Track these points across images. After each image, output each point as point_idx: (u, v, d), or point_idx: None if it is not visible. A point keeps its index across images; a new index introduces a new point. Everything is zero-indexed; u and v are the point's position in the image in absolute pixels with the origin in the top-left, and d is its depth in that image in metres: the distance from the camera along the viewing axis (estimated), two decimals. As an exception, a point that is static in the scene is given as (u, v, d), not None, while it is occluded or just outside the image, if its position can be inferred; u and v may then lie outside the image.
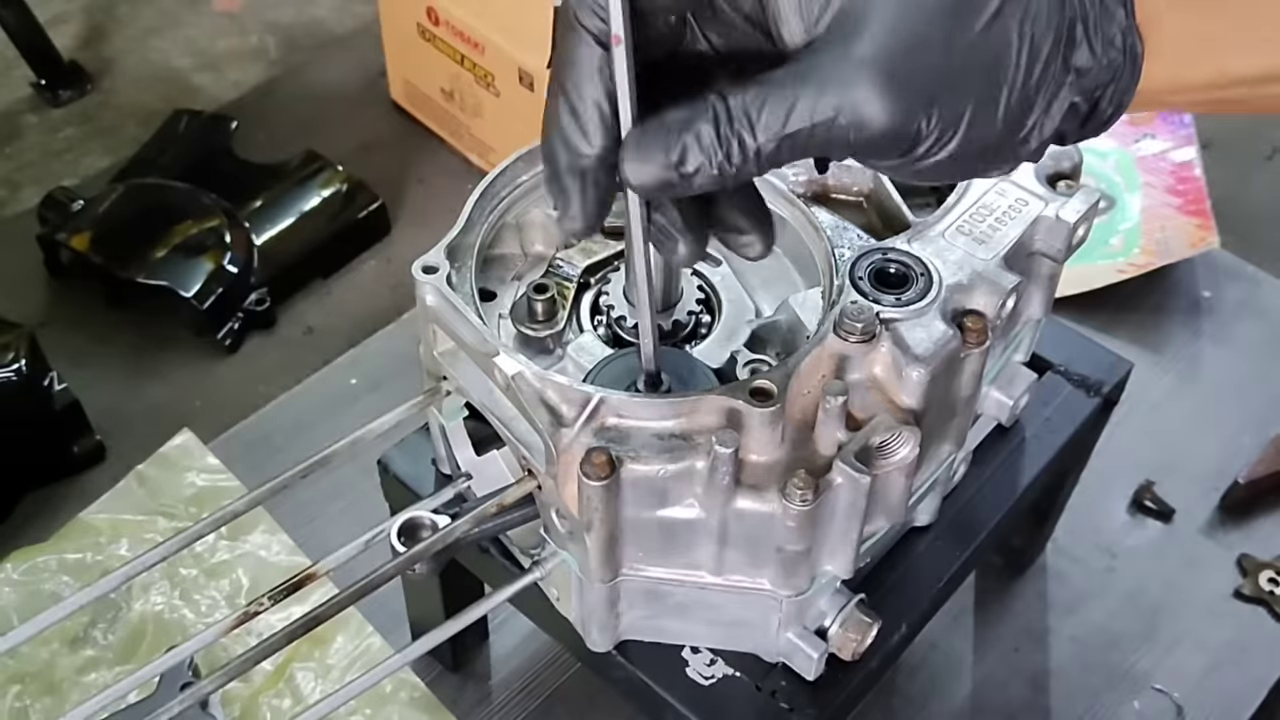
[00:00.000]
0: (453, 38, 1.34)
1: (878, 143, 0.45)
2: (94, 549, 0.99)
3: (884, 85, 0.44)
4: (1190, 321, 1.17)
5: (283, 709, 0.89)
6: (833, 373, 0.59)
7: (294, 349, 1.26)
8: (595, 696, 0.89)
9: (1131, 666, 0.92)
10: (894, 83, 0.44)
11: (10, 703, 0.91)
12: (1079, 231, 0.68)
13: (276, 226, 1.32)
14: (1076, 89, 0.47)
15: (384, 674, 0.64)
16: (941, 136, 0.45)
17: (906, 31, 0.44)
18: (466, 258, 0.65)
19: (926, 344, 0.59)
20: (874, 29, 0.44)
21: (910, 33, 0.44)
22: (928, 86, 0.44)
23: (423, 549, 0.62)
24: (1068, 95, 0.47)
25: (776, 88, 0.45)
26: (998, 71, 0.45)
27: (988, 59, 0.45)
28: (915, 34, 0.44)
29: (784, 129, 0.44)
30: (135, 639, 0.94)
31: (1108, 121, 0.49)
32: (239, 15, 1.65)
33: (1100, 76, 0.47)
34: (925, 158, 0.46)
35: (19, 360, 1.09)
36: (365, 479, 0.80)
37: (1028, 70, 0.45)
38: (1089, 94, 0.47)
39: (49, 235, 1.29)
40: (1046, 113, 0.47)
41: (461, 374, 0.64)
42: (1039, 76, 0.46)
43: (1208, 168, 1.24)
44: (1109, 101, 0.48)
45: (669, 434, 0.57)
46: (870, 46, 0.44)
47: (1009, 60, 0.45)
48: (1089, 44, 0.46)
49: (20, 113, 1.52)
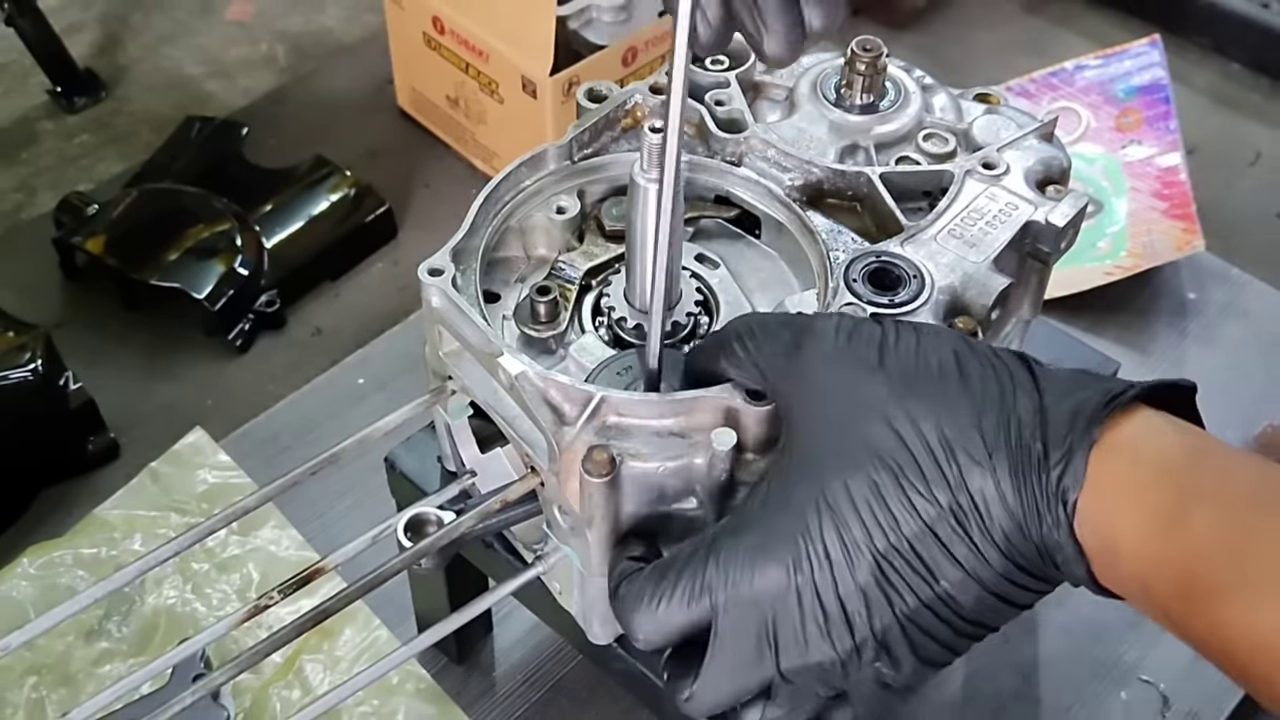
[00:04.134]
0: (458, 46, 1.35)
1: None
2: (108, 544, 1.01)
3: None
4: (1176, 322, 1.18)
5: (292, 700, 0.90)
6: (828, 372, 0.60)
7: (303, 349, 1.26)
8: (596, 688, 0.90)
9: (1119, 657, 0.93)
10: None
11: (27, 693, 0.92)
12: (1067, 234, 0.68)
13: (286, 230, 1.31)
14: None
15: (391, 666, 0.64)
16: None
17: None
18: (471, 260, 0.66)
19: (918, 345, 0.60)
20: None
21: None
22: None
23: (428, 544, 0.63)
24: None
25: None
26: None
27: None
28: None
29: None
30: (149, 632, 0.96)
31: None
32: (250, 24, 1.66)
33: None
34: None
35: (35, 360, 1.10)
36: (372, 476, 0.81)
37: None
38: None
39: (64, 239, 1.29)
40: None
41: (466, 374, 0.65)
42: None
43: (1193, 172, 1.25)
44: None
45: (668, 432, 0.58)
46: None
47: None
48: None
49: (37, 119, 1.52)
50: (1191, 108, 1.42)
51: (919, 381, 0.52)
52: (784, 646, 0.51)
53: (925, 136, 0.73)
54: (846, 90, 0.74)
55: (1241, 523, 0.45)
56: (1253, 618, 0.44)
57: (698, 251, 0.72)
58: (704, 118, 0.73)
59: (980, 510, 0.49)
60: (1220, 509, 0.46)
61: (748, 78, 0.77)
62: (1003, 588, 0.50)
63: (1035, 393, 0.51)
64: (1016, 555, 0.49)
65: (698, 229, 0.74)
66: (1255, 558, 0.44)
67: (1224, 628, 0.45)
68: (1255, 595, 0.44)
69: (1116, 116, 1.30)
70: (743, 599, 0.51)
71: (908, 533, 0.49)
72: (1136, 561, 0.47)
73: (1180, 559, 0.46)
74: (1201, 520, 0.46)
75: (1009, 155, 0.71)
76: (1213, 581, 0.45)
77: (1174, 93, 1.31)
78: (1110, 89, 1.32)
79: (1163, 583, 0.46)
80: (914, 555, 0.49)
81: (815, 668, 0.51)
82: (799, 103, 0.75)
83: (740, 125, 0.73)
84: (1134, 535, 0.47)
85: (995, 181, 0.69)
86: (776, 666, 0.52)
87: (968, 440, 0.49)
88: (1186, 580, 0.45)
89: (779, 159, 0.72)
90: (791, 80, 0.77)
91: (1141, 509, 0.47)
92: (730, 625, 0.52)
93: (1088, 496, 0.47)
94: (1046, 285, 0.73)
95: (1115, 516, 0.47)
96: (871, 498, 0.50)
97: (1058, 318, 1.12)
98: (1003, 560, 0.49)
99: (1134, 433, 0.49)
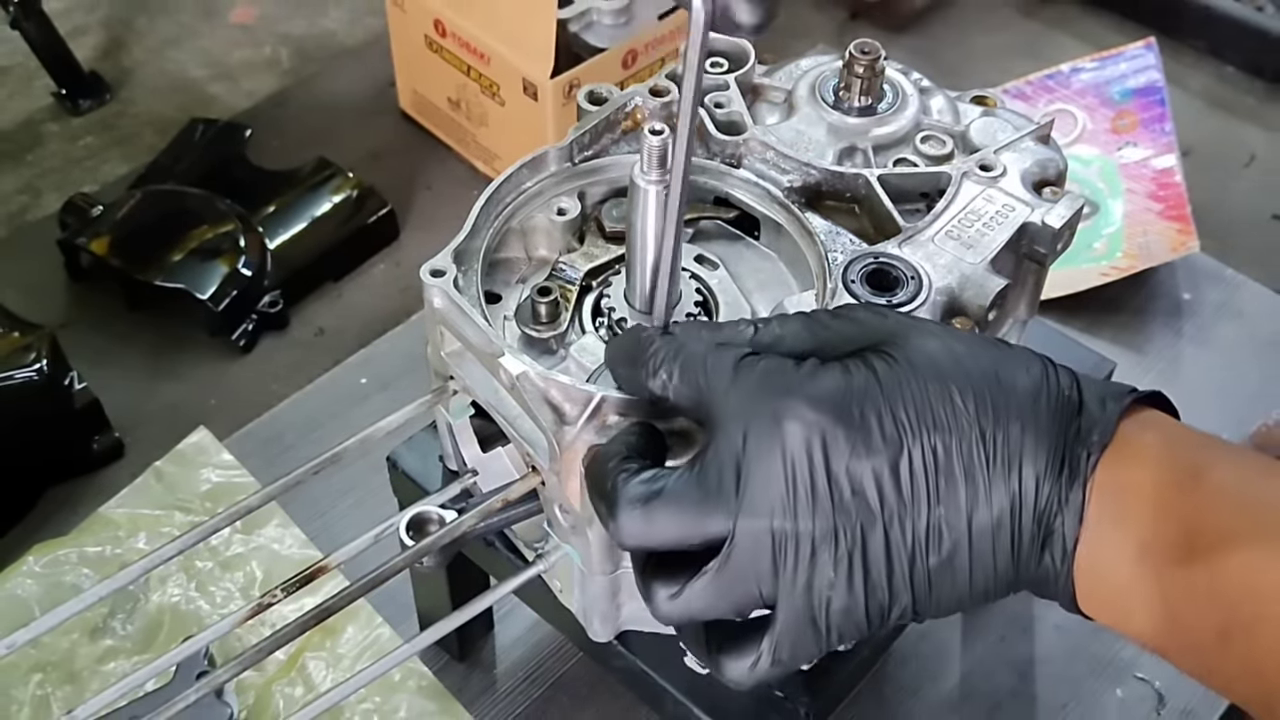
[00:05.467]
0: (459, 49, 1.35)
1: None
2: (113, 543, 1.01)
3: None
4: (1171, 323, 1.19)
5: (295, 697, 0.90)
6: (826, 372, 0.60)
7: (306, 349, 1.26)
8: (596, 685, 0.91)
9: (1114, 655, 0.93)
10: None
11: (32, 691, 0.92)
12: (1064, 236, 0.69)
13: (289, 231, 1.32)
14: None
15: (393, 663, 0.64)
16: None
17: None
18: (473, 261, 0.66)
19: (916, 344, 0.61)
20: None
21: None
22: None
23: (430, 543, 0.63)
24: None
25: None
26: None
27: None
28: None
29: None
30: (153, 629, 0.96)
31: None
32: (253, 27, 1.66)
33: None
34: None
35: (40, 360, 1.10)
36: (375, 475, 0.82)
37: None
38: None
39: (69, 240, 1.29)
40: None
41: (468, 374, 0.66)
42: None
43: (1188, 174, 1.25)
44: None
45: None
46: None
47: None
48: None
49: (42, 121, 1.53)
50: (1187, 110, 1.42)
51: (970, 342, 0.53)
52: (798, 494, 0.49)
53: (923, 139, 0.74)
54: (845, 93, 0.74)
55: (1250, 484, 0.48)
56: (1250, 568, 0.45)
57: (697, 252, 0.72)
58: (703, 120, 0.73)
59: (1010, 447, 0.49)
60: (1230, 473, 0.48)
61: (747, 80, 0.77)
62: (982, 544, 0.50)
63: (1071, 372, 0.53)
64: (1017, 509, 0.49)
65: (697, 230, 0.74)
66: (1261, 512, 0.46)
67: (1217, 578, 0.46)
68: (1257, 546, 0.45)
69: (1112, 119, 1.31)
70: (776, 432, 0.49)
71: (939, 441, 0.49)
72: (1141, 516, 0.48)
73: (1189, 514, 0.47)
74: (1212, 480, 0.48)
75: (1006, 157, 0.71)
76: (1217, 533, 0.46)
77: (1169, 95, 1.31)
78: (1106, 91, 1.33)
79: (1164, 537, 0.47)
80: (934, 463, 0.49)
81: (779, 533, 0.49)
82: (797, 105, 0.76)
83: (739, 127, 0.73)
84: (1146, 492, 0.48)
85: (992, 183, 0.70)
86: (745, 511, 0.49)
87: (1015, 389, 0.50)
88: (1190, 533, 0.47)
89: (778, 161, 0.72)
90: (790, 83, 0.77)
91: (1158, 468, 0.49)
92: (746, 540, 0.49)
93: (1108, 458, 0.49)
94: (1043, 286, 0.73)
95: (1132, 475, 0.49)
96: (920, 396, 0.50)
97: (1054, 318, 1.13)
98: (1004, 507, 0.49)
99: (1153, 416, 0.52)
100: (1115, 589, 0.49)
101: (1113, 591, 0.49)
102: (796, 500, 0.49)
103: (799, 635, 0.51)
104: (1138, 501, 0.49)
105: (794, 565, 0.50)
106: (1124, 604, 0.49)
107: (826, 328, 0.55)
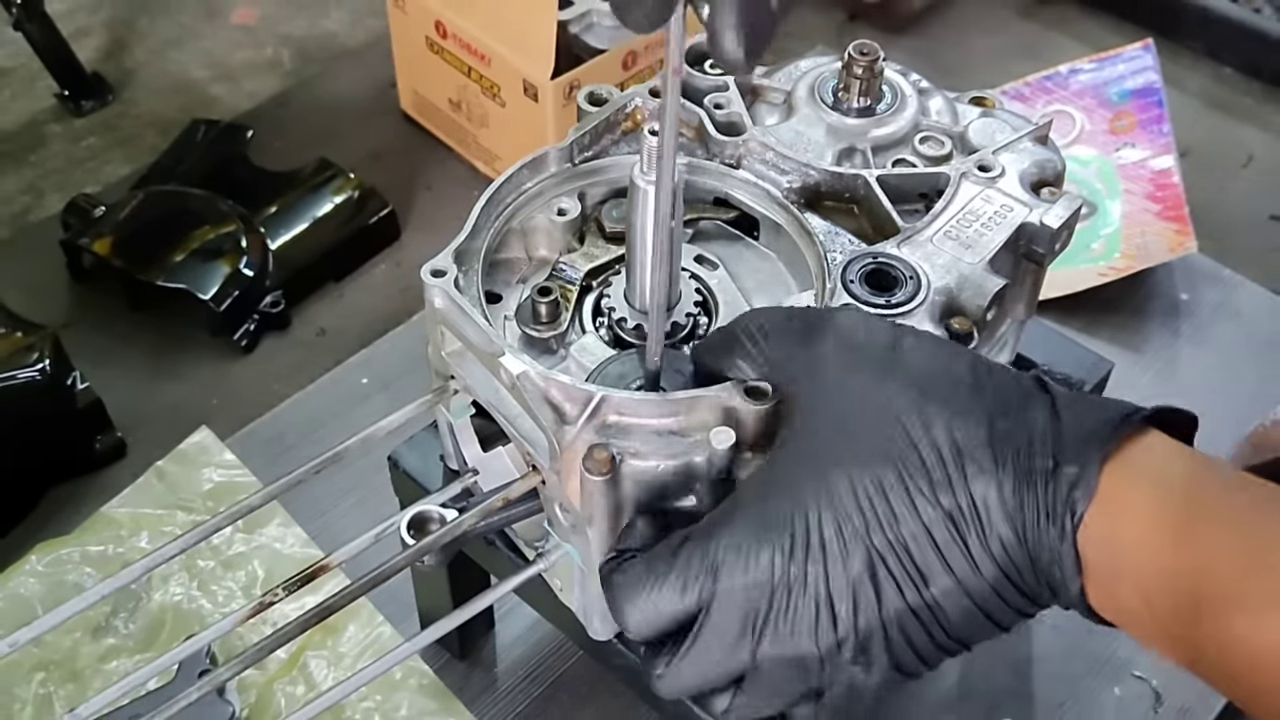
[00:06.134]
0: (460, 50, 1.35)
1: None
2: (115, 542, 1.01)
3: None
4: (1169, 323, 1.19)
5: (296, 695, 0.91)
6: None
7: (307, 349, 1.27)
8: (597, 683, 0.91)
9: (1112, 654, 0.93)
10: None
11: (35, 689, 0.92)
12: (1062, 236, 0.69)
13: (291, 231, 1.32)
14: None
15: (394, 662, 0.65)
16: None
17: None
18: (473, 262, 0.67)
19: (914, 344, 0.61)
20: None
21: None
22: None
23: (431, 541, 0.63)
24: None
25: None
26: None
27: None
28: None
29: None
30: (155, 628, 0.96)
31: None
32: (255, 29, 1.67)
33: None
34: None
35: (43, 360, 1.10)
36: (376, 474, 0.82)
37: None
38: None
39: (72, 240, 1.29)
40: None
41: (468, 373, 0.66)
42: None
43: (1186, 175, 1.26)
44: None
45: (668, 431, 0.58)
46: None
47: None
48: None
49: (44, 122, 1.53)
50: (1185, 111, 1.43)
51: (934, 386, 0.52)
52: (768, 635, 0.51)
53: (921, 139, 0.74)
54: (844, 94, 0.75)
55: (1251, 538, 0.46)
56: (1261, 630, 0.44)
57: (697, 253, 0.72)
58: (703, 121, 0.73)
59: (981, 517, 0.49)
60: (1229, 525, 0.46)
61: (746, 82, 0.77)
62: (990, 603, 0.50)
63: (1050, 407, 0.51)
64: (1011, 569, 0.49)
65: (697, 230, 0.74)
66: (1265, 572, 0.45)
67: (1230, 641, 0.45)
68: (1264, 608, 0.44)
69: (1110, 120, 1.31)
70: (735, 584, 0.51)
71: (906, 532, 0.49)
72: (1140, 575, 0.47)
73: (1188, 572, 0.46)
74: (1210, 535, 0.46)
75: (1004, 158, 0.72)
76: (1221, 594, 0.45)
77: (1167, 96, 1.31)
78: (1104, 92, 1.33)
79: (1168, 597, 0.46)
80: (908, 556, 0.49)
81: (794, 660, 0.51)
82: (797, 106, 0.76)
83: (739, 128, 0.73)
84: (1140, 548, 0.47)
85: (991, 184, 0.70)
86: (754, 655, 0.51)
87: (977, 448, 0.49)
88: (1194, 594, 0.45)
89: (777, 161, 0.72)
90: (789, 84, 0.78)
91: (1149, 523, 0.47)
92: (719, 609, 0.52)
93: (1095, 510, 0.48)
94: (1041, 286, 0.74)
95: (1122, 529, 0.47)
96: (874, 492, 0.50)
97: (1052, 318, 1.13)
98: (996, 572, 0.49)
99: (1143, 452, 0.49)
100: (1138, 627, 0.49)
101: (1137, 629, 0.49)
102: (793, 633, 0.51)
103: (850, 702, 0.52)
104: (1131, 559, 0.47)
105: (818, 673, 0.51)
106: (1150, 638, 0.49)
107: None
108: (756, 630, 0.51)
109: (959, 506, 0.49)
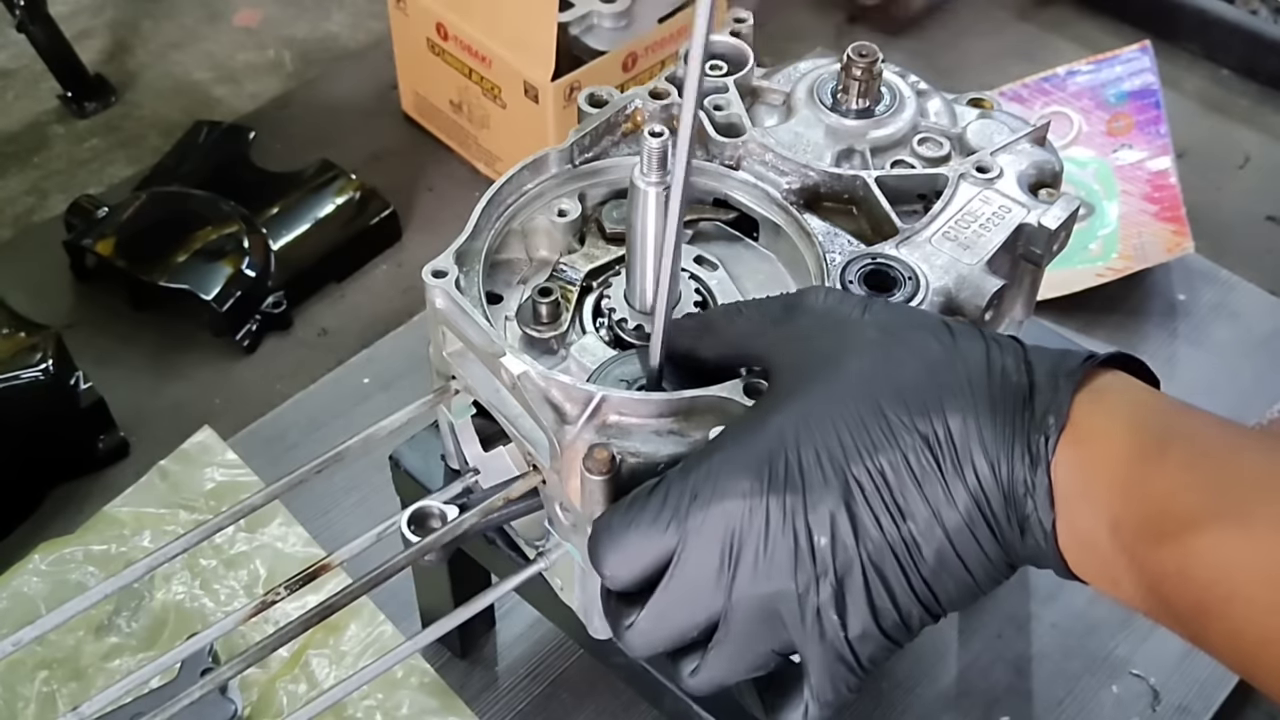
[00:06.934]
0: (461, 52, 1.36)
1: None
2: (118, 541, 1.01)
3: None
4: (1166, 323, 1.19)
5: (298, 694, 0.91)
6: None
7: (309, 350, 1.27)
8: (597, 682, 0.91)
9: (1110, 652, 0.94)
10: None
11: (38, 687, 0.92)
12: (1060, 237, 0.69)
13: (292, 232, 1.32)
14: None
15: (395, 660, 0.65)
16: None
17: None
18: (474, 262, 0.67)
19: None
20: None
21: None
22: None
23: (433, 540, 0.63)
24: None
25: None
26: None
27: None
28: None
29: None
30: (158, 627, 0.96)
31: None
32: (257, 31, 1.67)
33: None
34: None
35: (46, 361, 1.10)
36: (377, 474, 0.82)
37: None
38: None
39: (75, 241, 1.29)
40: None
41: (469, 373, 0.66)
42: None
43: (1183, 176, 1.26)
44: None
45: (668, 430, 0.59)
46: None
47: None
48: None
49: (48, 124, 1.53)
50: (1182, 112, 1.43)
51: (908, 335, 0.53)
52: (744, 571, 0.50)
53: (920, 141, 0.75)
54: (843, 95, 0.75)
55: (1215, 459, 0.47)
56: (1223, 545, 0.45)
57: (696, 254, 0.73)
58: (703, 122, 0.74)
59: (956, 445, 0.50)
60: (1194, 447, 0.48)
61: (745, 83, 0.78)
62: (963, 537, 0.50)
63: (1020, 350, 0.53)
64: (983, 501, 0.50)
65: (696, 231, 0.75)
66: (1227, 490, 0.46)
67: (1191, 560, 0.45)
68: (1225, 526, 0.45)
69: (1108, 121, 1.32)
70: (711, 514, 0.51)
71: (884, 460, 0.50)
72: (1110, 496, 0.48)
73: (1155, 493, 0.47)
74: (1176, 456, 0.47)
75: (1002, 159, 0.72)
76: (1188, 512, 0.46)
77: (1164, 98, 1.32)
78: (1102, 94, 1.33)
79: (1134, 517, 0.47)
80: (885, 485, 0.50)
81: (770, 601, 0.51)
82: (796, 107, 0.76)
83: (738, 130, 0.74)
84: (1112, 469, 0.48)
85: (989, 185, 0.70)
86: (729, 593, 0.51)
87: (953, 382, 0.51)
88: (1162, 513, 0.47)
89: (776, 163, 0.73)
90: (788, 85, 0.78)
91: (1121, 446, 0.48)
92: (696, 542, 0.51)
93: (1067, 435, 0.49)
94: (1039, 287, 0.74)
95: (1094, 452, 0.48)
96: (854, 424, 0.50)
97: (1050, 318, 1.13)
98: (969, 503, 0.50)
99: (1113, 386, 0.51)
100: (1101, 561, 0.49)
101: (1100, 563, 0.50)
102: (770, 567, 0.50)
103: (834, 675, 0.52)
104: (1103, 480, 0.48)
105: (795, 620, 0.51)
106: (1111, 574, 0.50)
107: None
108: (733, 565, 0.51)
109: (935, 434, 0.50)
